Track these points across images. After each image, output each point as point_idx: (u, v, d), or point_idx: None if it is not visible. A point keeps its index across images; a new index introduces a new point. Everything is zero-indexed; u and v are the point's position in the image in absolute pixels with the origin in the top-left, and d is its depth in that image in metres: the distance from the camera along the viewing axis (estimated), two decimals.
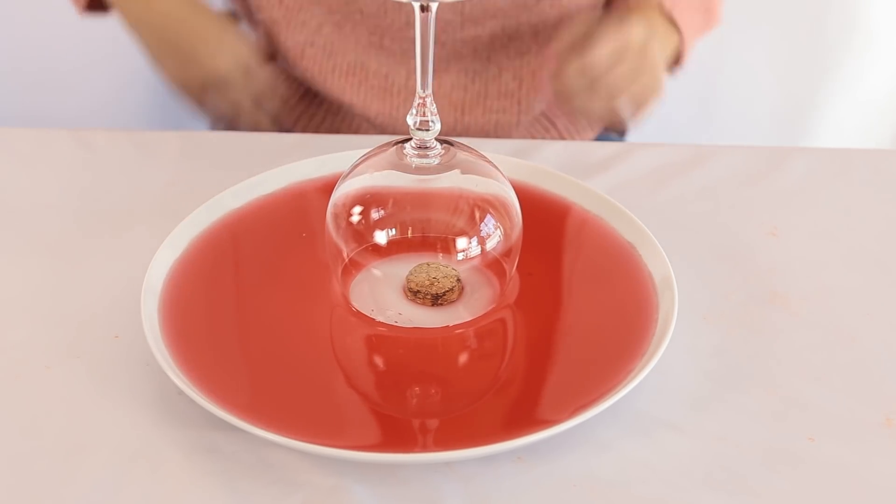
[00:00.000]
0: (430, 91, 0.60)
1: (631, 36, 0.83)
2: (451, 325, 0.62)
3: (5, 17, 1.33)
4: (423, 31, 0.57)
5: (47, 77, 1.38)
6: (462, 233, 0.63)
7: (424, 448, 0.55)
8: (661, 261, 0.64)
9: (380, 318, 0.62)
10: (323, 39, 0.93)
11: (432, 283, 0.63)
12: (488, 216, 0.63)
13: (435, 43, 0.59)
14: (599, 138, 1.07)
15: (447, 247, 0.63)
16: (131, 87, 1.39)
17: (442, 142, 0.62)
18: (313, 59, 0.95)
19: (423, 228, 0.64)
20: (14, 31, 1.33)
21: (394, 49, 0.93)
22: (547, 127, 1.00)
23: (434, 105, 0.60)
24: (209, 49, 0.90)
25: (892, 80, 1.53)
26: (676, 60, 0.93)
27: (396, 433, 0.56)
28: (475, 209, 0.63)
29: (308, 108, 0.99)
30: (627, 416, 0.57)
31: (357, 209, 0.63)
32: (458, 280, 0.64)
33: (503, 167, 0.65)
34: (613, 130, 1.04)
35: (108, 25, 1.37)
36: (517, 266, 0.64)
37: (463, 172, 0.62)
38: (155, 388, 0.59)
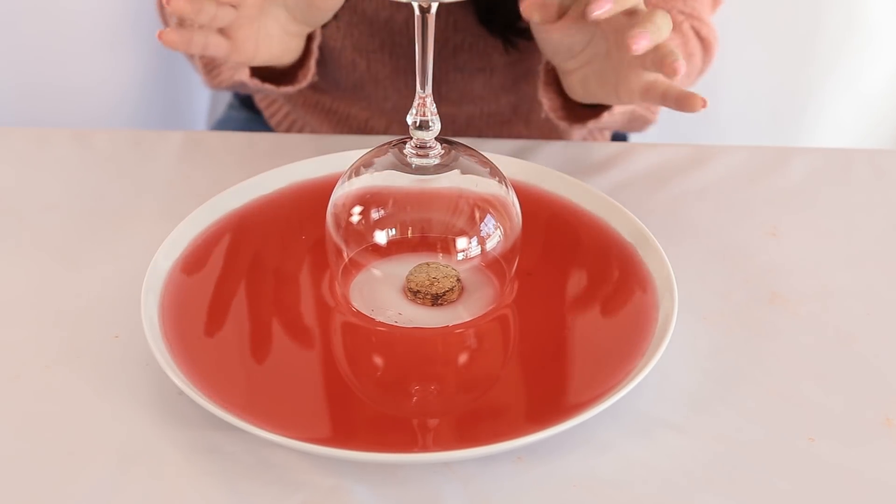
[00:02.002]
0: (429, 91, 0.60)
1: None
2: (451, 325, 0.62)
3: (6, 17, 1.33)
4: (422, 32, 0.57)
5: (47, 77, 1.37)
6: (462, 233, 0.63)
7: (424, 448, 0.55)
8: (661, 261, 0.64)
9: (380, 318, 0.62)
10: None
11: (432, 283, 0.63)
12: (488, 216, 0.63)
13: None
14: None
15: (447, 247, 0.63)
16: (131, 87, 1.39)
17: (442, 142, 0.62)
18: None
19: (423, 228, 0.64)
20: (15, 31, 1.33)
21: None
22: None
23: (434, 105, 0.60)
24: None
25: (892, 78, 1.53)
26: None
27: (396, 433, 0.56)
28: (475, 209, 0.63)
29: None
30: (627, 416, 0.57)
31: (357, 209, 0.63)
32: (458, 280, 0.64)
33: (503, 167, 0.65)
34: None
35: (108, 26, 1.37)
36: (517, 266, 0.64)
37: (463, 172, 0.62)
38: (155, 388, 0.59)
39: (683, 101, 0.70)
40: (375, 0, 0.90)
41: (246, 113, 1.11)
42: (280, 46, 0.77)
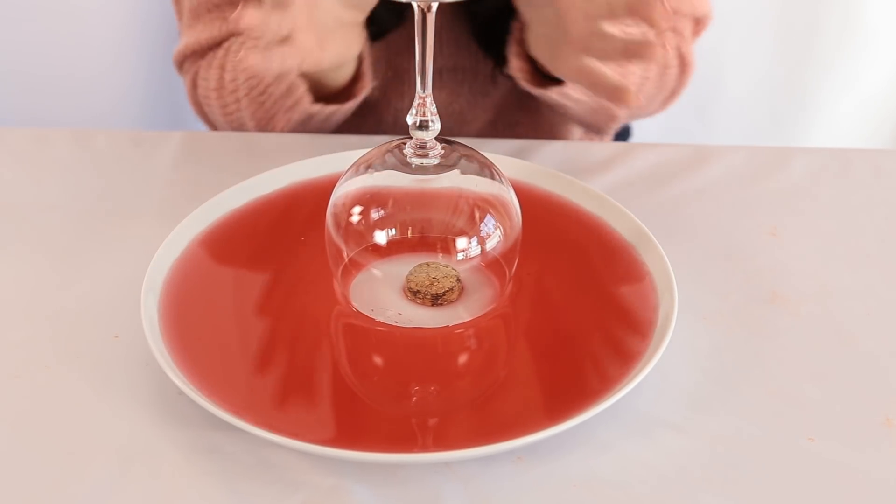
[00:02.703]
0: (429, 91, 0.60)
1: None
2: (451, 325, 0.62)
3: (6, 17, 1.33)
4: (422, 32, 0.57)
5: (47, 77, 1.38)
6: (462, 233, 0.63)
7: (424, 448, 0.55)
8: (661, 261, 0.64)
9: (380, 318, 0.62)
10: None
11: (432, 283, 0.63)
12: (488, 216, 0.63)
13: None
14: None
15: (447, 247, 0.63)
16: (131, 87, 1.40)
17: (442, 142, 0.62)
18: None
19: (423, 228, 0.64)
20: (15, 31, 1.33)
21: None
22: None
23: (434, 105, 0.60)
24: None
25: (891, 78, 1.53)
26: None
27: (396, 433, 0.56)
28: (475, 209, 0.63)
29: None
30: (627, 416, 0.57)
31: (357, 209, 0.63)
32: (458, 280, 0.64)
33: (503, 167, 0.65)
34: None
35: (108, 26, 1.37)
36: (517, 266, 0.64)
37: (463, 172, 0.62)
38: (155, 388, 0.59)
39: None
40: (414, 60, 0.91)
41: None
42: (342, 40, 0.77)
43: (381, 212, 0.63)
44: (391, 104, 0.95)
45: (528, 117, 0.98)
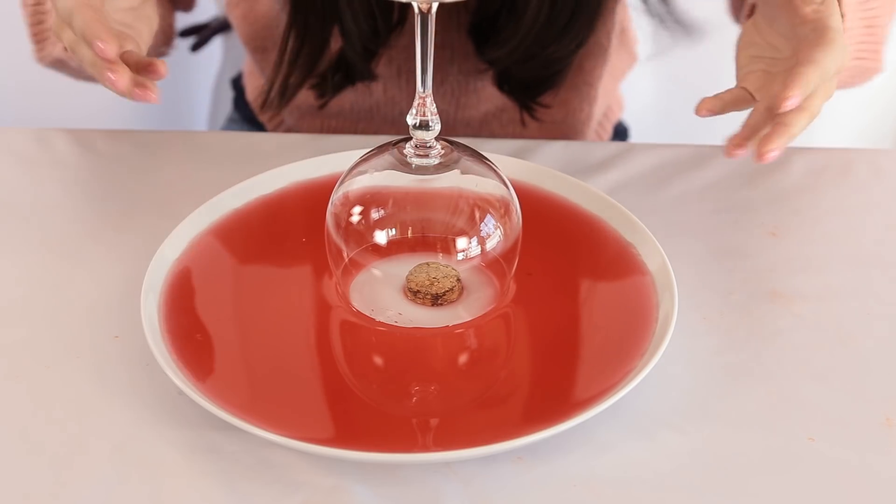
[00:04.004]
0: (429, 91, 0.60)
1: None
2: (451, 325, 0.62)
3: (6, 17, 1.32)
4: (422, 32, 0.57)
5: (47, 77, 1.37)
6: (462, 233, 0.63)
7: (424, 448, 0.55)
8: (661, 261, 0.64)
9: (380, 318, 0.62)
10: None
11: (432, 283, 0.63)
12: (488, 216, 0.63)
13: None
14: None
15: (447, 247, 0.63)
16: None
17: (442, 142, 0.62)
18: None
19: (423, 228, 0.64)
20: (14, 31, 1.33)
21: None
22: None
23: (434, 105, 0.60)
24: None
25: (891, 76, 1.53)
26: None
27: (396, 433, 0.56)
28: (475, 209, 0.63)
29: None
30: (627, 416, 0.57)
31: (357, 209, 0.63)
32: (458, 280, 0.64)
33: (503, 167, 0.65)
34: None
35: None
36: (517, 266, 0.64)
37: (463, 172, 0.62)
38: (155, 388, 0.59)
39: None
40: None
41: (247, 127, 1.10)
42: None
43: (381, 212, 0.63)
44: (396, 104, 0.95)
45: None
